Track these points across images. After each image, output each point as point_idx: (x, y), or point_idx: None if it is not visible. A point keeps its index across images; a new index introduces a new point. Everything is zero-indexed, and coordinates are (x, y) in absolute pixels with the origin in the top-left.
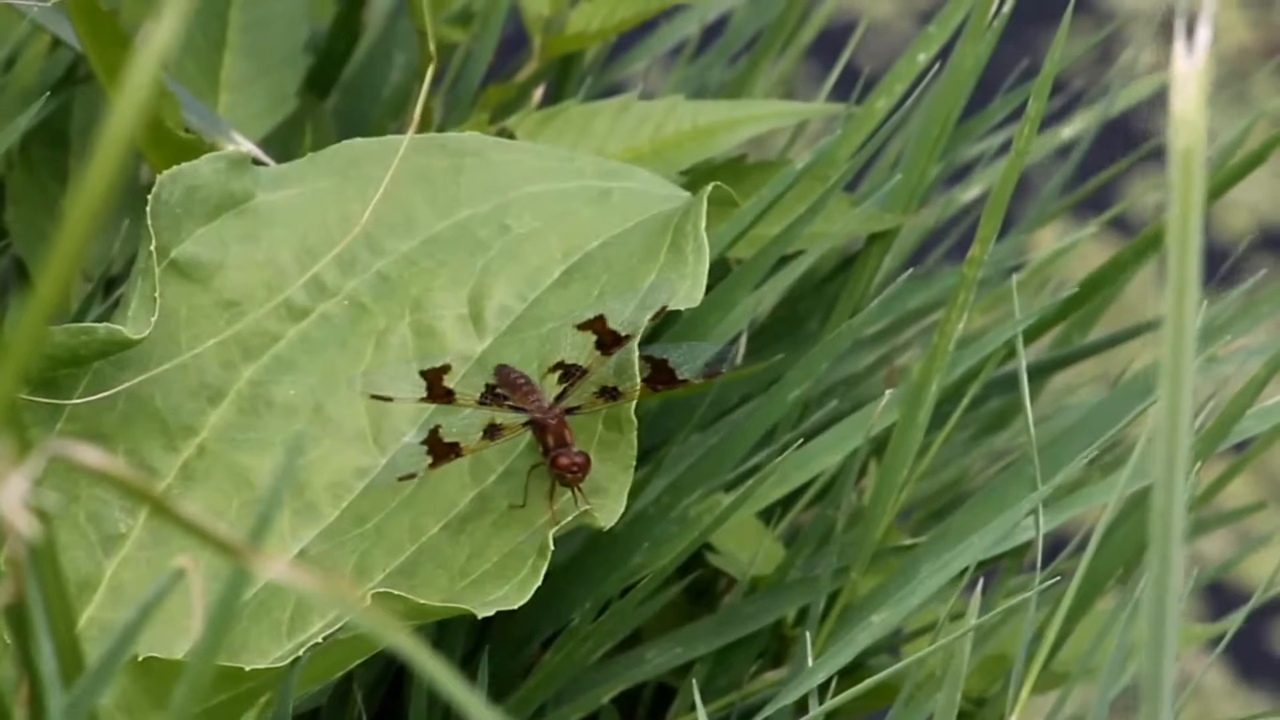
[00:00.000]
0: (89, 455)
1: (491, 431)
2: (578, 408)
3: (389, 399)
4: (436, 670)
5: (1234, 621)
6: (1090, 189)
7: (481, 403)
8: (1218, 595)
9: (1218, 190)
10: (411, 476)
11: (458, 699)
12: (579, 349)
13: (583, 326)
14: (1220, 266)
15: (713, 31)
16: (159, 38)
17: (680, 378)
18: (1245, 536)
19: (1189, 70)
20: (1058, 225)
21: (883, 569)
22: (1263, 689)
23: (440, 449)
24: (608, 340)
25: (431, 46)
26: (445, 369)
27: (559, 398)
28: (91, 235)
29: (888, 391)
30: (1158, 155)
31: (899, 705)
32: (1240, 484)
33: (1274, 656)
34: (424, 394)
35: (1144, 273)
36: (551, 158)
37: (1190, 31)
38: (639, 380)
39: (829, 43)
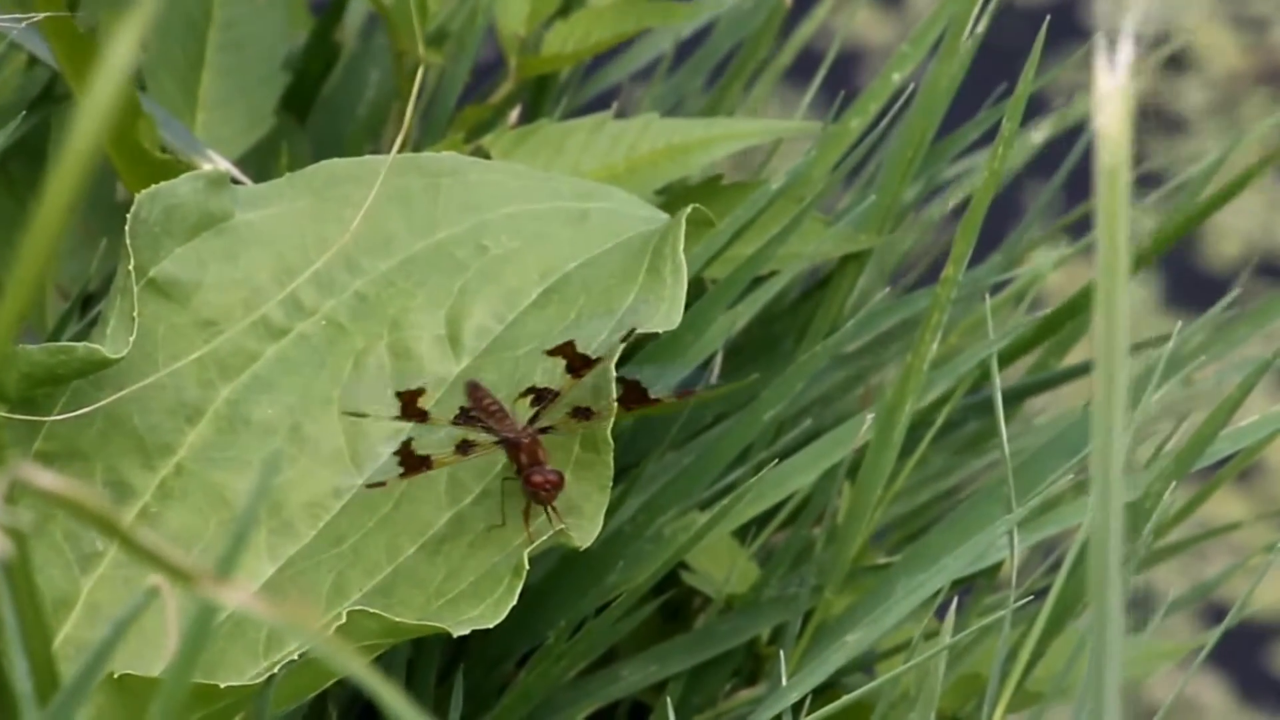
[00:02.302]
0: (52, 481)
1: (464, 447)
2: (551, 427)
3: (363, 415)
4: (395, 700)
5: (1212, 637)
6: (1078, 214)
7: (455, 423)
8: (1219, 618)
9: (1203, 214)
10: (381, 484)
11: None
12: (549, 373)
13: (552, 352)
14: (1212, 292)
15: (691, 48)
16: (124, 43)
17: (653, 396)
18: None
19: (1112, 87)
20: (1050, 244)
21: (857, 588)
22: (1264, 710)
23: (412, 460)
24: (577, 364)
25: (420, 52)
26: (420, 391)
27: (532, 420)
28: (58, 243)
29: (868, 415)
30: (1147, 176)
31: None
32: (1238, 506)
33: (1275, 678)
34: (398, 413)
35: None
36: (529, 178)
37: (1112, 48)
38: (614, 398)
39: (813, 59)
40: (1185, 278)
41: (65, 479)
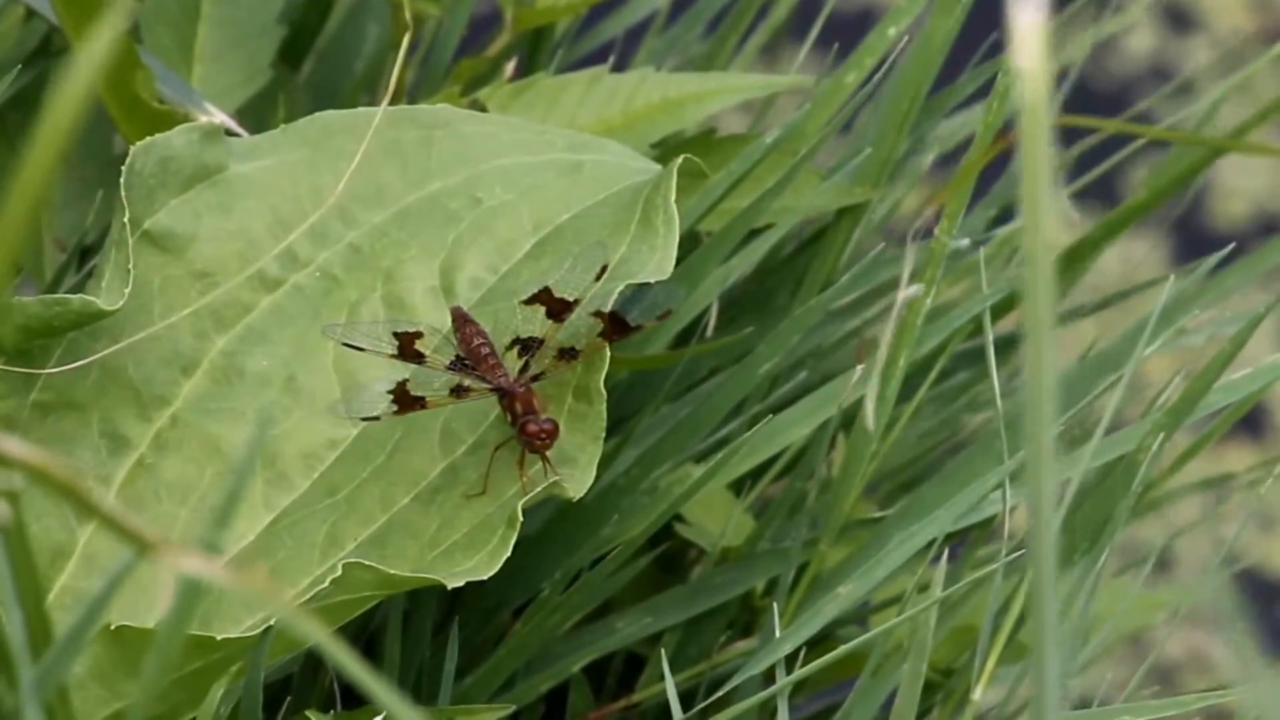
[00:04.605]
0: (18, 449)
1: (459, 391)
2: (541, 374)
3: (361, 349)
4: (353, 666)
5: (1212, 592)
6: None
7: (450, 368)
8: (1237, 577)
9: (1197, 167)
10: (375, 419)
11: (376, 695)
12: (531, 322)
13: (530, 301)
14: (1221, 252)
15: (688, 2)
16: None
17: (634, 325)
18: (1268, 520)
19: (1029, 24)
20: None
21: (851, 541)
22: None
23: (406, 399)
24: (557, 308)
25: (407, 15)
26: (418, 334)
27: (522, 369)
28: (52, 193)
29: (858, 366)
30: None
31: (866, 675)
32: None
33: None
34: (395, 352)
35: (1119, 247)
36: (523, 130)
37: None
38: (599, 333)
39: (833, 20)
40: (1193, 239)
41: (39, 451)
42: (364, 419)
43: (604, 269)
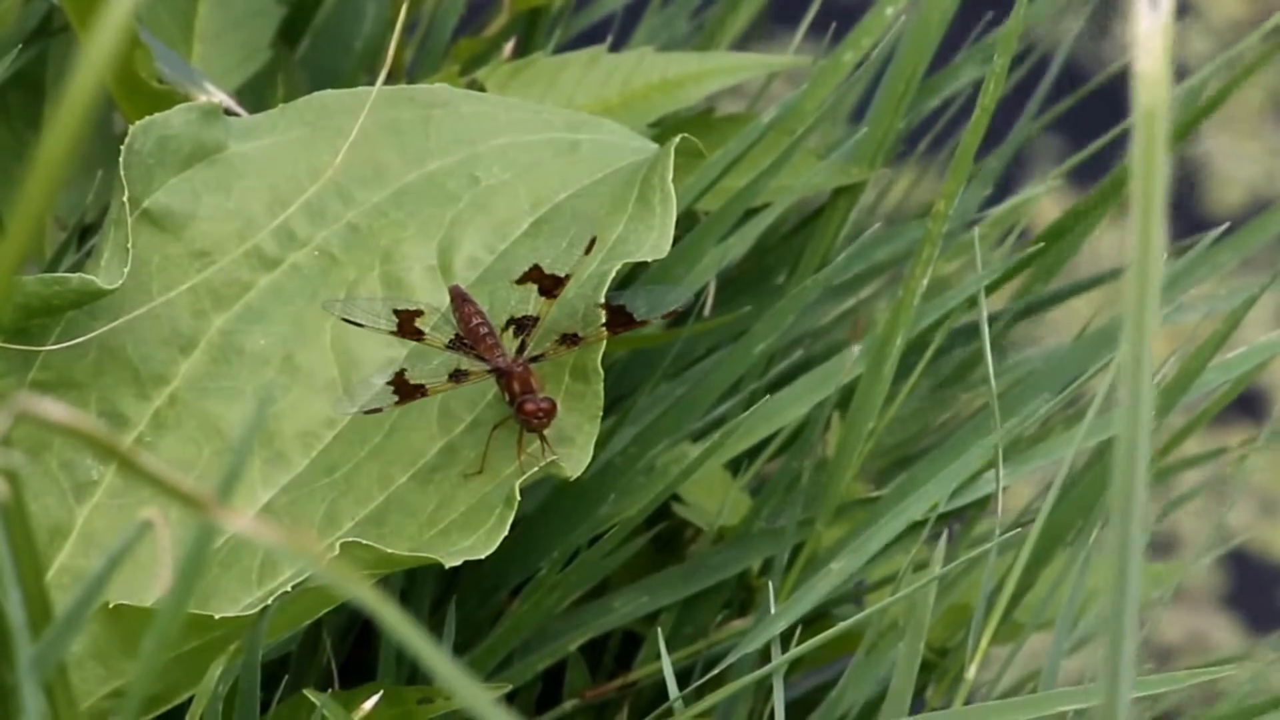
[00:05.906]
0: (56, 410)
1: (458, 376)
2: (541, 355)
3: (360, 325)
4: (398, 623)
5: (1190, 566)
6: (1043, 119)
7: (449, 348)
8: (1239, 562)
9: (1178, 136)
10: (377, 410)
11: (420, 652)
12: (524, 301)
13: (522, 280)
14: (1217, 239)
15: None
16: None
17: (638, 320)
18: (1270, 504)
19: (1153, 27)
20: (1040, 176)
21: (847, 520)
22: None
23: (406, 389)
24: (548, 285)
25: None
26: (419, 313)
27: (520, 349)
28: (62, 179)
29: (855, 347)
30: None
31: (860, 654)
32: (1260, 455)
33: None
34: (394, 329)
35: (1116, 234)
36: (520, 110)
37: None
38: (602, 322)
39: (829, 2)
40: (1191, 228)
41: (68, 407)
42: (368, 412)
43: (593, 242)
